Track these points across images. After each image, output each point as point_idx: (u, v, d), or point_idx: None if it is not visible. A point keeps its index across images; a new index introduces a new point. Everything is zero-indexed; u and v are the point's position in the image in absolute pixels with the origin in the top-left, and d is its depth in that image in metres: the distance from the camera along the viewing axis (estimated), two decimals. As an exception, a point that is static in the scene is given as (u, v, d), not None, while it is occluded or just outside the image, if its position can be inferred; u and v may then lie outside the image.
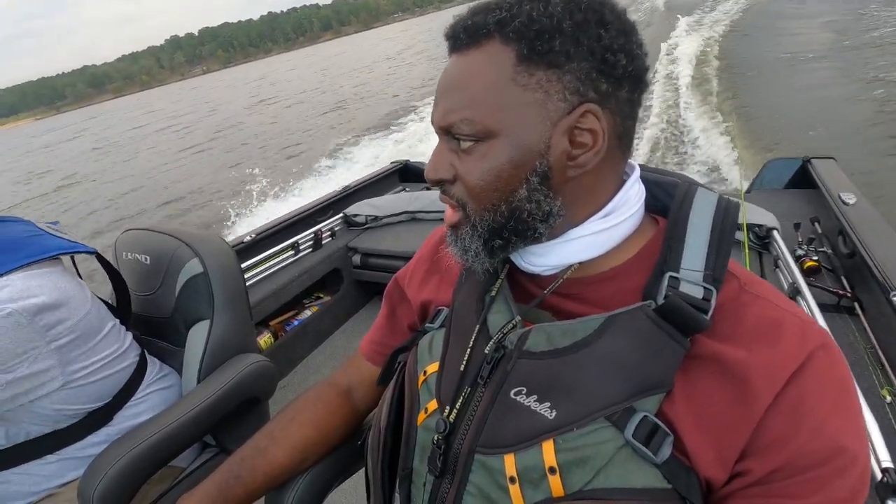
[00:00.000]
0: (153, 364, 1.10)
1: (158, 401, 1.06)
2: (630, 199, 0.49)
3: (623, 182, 0.50)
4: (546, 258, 0.50)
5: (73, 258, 1.05)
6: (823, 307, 1.36)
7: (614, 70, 0.43)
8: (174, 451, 0.97)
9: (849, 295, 1.45)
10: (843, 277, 1.55)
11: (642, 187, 0.51)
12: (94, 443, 0.95)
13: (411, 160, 3.16)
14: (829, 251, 1.69)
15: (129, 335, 1.05)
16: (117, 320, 1.03)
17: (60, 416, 0.91)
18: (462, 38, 0.46)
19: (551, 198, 0.46)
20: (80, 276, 1.03)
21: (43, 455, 0.92)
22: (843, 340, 1.27)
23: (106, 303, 1.03)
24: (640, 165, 0.53)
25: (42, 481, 0.92)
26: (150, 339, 1.19)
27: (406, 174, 3.08)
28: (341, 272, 2.31)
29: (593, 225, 0.47)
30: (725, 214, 0.46)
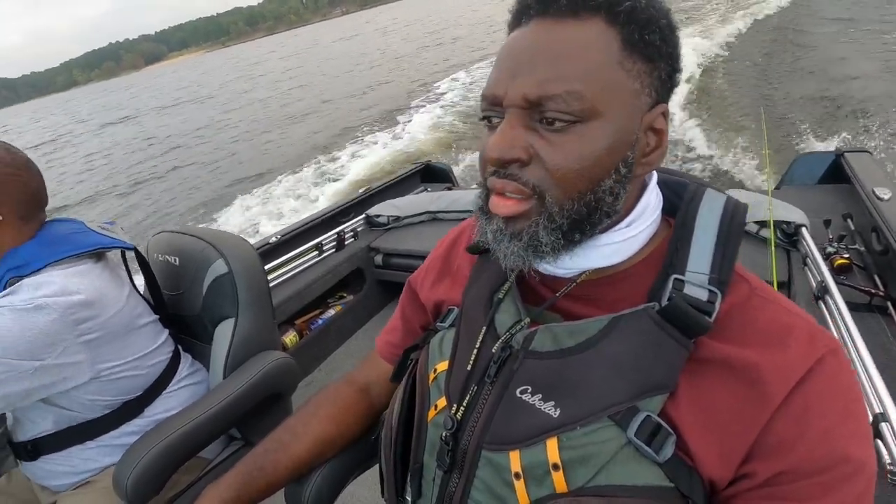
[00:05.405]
0: (185, 360, 1.15)
1: (188, 395, 1.11)
2: (650, 204, 0.49)
3: (644, 185, 0.50)
4: (571, 261, 0.47)
5: (123, 255, 1.11)
6: (854, 306, 1.31)
7: (674, 76, 0.45)
8: (202, 443, 1.02)
9: (882, 294, 1.40)
10: (875, 276, 1.49)
11: (659, 192, 0.51)
12: (129, 432, 1.00)
13: (432, 161, 3.19)
14: (862, 248, 1.63)
15: (165, 332, 1.10)
16: (157, 317, 1.08)
17: (95, 406, 0.97)
18: (562, 3, 0.42)
19: (624, 192, 0.45)
20: (130, 274, 1.09)
21: (83, 441, 0.98)
22: (874, 341, 1.22)
23: (148, 301, 1.09)
24: None
25: (81, 464, 0.99)
26: (181, 337, 1.24)
27: (427, 175, 3.10)
28: (364, 272, 2.35)
29: (620, 233, 0.47)
30: (732, 216, 0.46)
